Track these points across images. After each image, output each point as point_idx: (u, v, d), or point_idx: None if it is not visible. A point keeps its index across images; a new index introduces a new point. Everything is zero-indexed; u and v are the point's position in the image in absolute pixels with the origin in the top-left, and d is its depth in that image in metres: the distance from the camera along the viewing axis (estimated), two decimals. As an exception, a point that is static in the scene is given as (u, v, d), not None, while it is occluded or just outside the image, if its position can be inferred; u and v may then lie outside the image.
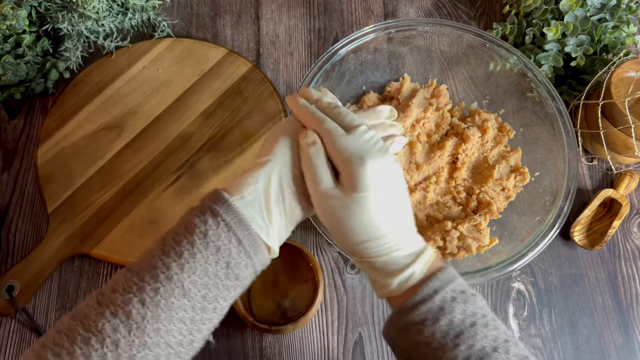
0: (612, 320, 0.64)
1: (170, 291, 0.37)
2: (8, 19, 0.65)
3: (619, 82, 0.65)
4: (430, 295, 0.40)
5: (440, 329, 0.39)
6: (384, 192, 0.41)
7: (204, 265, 0.38)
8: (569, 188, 0.60)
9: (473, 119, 0.69)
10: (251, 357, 0.61)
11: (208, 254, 0.38)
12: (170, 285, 0.37)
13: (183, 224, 0.39)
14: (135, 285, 0.37)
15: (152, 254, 0.38)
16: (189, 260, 0.37)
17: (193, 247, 0.38)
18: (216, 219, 0.38)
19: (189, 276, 0.37)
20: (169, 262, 0.37)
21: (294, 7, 0.79)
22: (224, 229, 0.38)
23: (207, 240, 0.38)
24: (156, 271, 0.37)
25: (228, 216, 0.39)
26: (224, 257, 0.38)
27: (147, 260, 0.38)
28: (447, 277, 0.41)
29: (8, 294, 0.60)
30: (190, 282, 0.37)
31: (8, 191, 0.67)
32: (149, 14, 0.75)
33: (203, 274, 0.38)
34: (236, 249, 0.39)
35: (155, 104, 0.70)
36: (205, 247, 0.38)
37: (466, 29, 0.66)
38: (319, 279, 0.58)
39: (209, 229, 0.38)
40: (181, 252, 0.37)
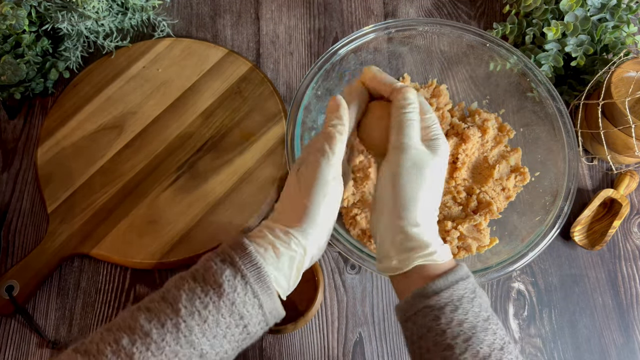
0: (612, 320, 0.64)
1: (189, 355, 0.37)
2: (8, 18, 0.65)
3: (619, 82, 0.65)
4: (463, 278, 0.40)
5: (473, 310, 0.39)
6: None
7: (224, 330, 0.38)
8: (569, 188, 0.60)
9: (473, 119, 0.69)
10: (251, 357, 0.61)
11: (231, 320, 0.38)
12: (190, 350, 0.37)
13: (210, 282, 0.38)
14: (154, 344, 0.36)
15: (174, 308, 0.37)
16: (212, 326, 0.37)
17: (218, 314, 0.37)
18: (245, 287, 0.38)
19: (209, 341, 0.37)
20: (192, 326, 0.37)
21: (294, 7, 0.79)
22: (250, 297, 0.38)
23: (233, 308, 0.38)
24: (178, 334, 0.36)
25: (257, 284, 0.38)
26: (244, 321, 0.38)
27: (168, 315, 0.37)
28: (467, 269, 0.42)
29: (8, 294, 0.60)
30: (209, 346, 0.37)
31: (8, 191, 0.67)
32: (148, 13, 0.75)
33: (221, 337, 0.38)
34: (257, 313, 0.39)
35: (155, 104, 0.70)
36: (230, 314, 0.38)
37: (466, 29, 0.66)
38: (319, 279, 0.58)
39: (237, 297, 0.38)
40: (206, 317, 0.37)
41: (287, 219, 0.41)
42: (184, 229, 0.64)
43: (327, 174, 0.41)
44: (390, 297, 0.64)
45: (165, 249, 0.63)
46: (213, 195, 0.66)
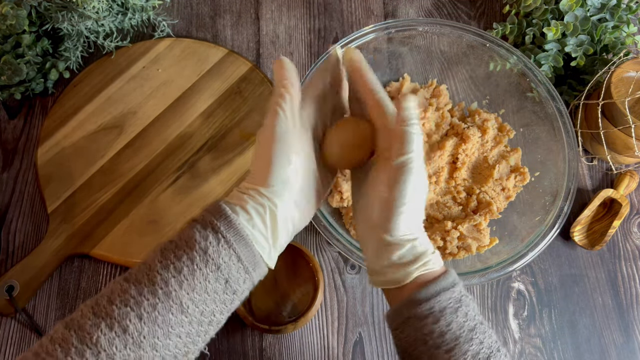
0: (612, 320, 0.64)
1: (169, 308, 0.36)
2: (8, 18, 0.65)
3: (619, 82, 0.65)
4: (448, 287, 0.40)
5: (456, 320, 0.39)
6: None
7: (203, 283, 0.37)
8: (569, 188, 0.60)
9: (473, 119, 0.69)
10: (251, 357, 0.61)
11: (208, 271, 0.37)
12: (169, 302, 0.36)
13: (184, 238, 0.38)
14: (132, 299, 0.36)
15: (150, 266, 0.38)
16: (188, 277, 0.37)
17: (193, 264, 0.37)
18: (217, 235, 0.38)
19: (187, 293, 0.37)
20: (167, 277, 0.37)
21: (294, 7, 0.79)
22: (224, 246, 0.38)
23: (207, 257, 0.37)
24: (155, 287, 0.36)
25: (229, 233, 0.38)
26: (224, 274, 0.38)
27: (145, 272, 0.37)
28: (456, 277, 0.42)
29: (8, 294, 0.60)
30: (188, 299, 0.37)
31: (8, 191, 0.67)
32: (148, 13, 0.75)
33: (202, 291, 0.37)
34: (236, 265, 0.38)
35: (155, 104, 0.70)
36: (205, 264, 0.37)
37: (466, 29, 0.66)
38: (319, 279, 0.58)
39: (209, 246, 0.37)
40: (180, 268, 0.37)
41: (256, 179, 0.41)
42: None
43: (282, 131, 0.41)
44: (390, 297, 0.64)
45: (165, 249, 0.63)
46: (213, 195, 0.66)
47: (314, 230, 0.67)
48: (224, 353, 0.61)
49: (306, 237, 0.67)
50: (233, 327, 0.62)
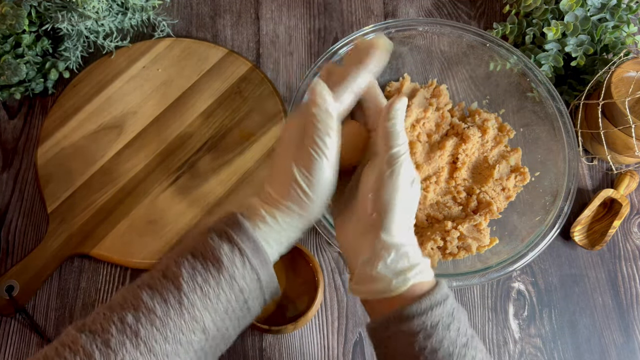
0: (612, 320, 0.64)
1: (192, 329, 0.37)
2: (8, 18, 0.65)
3: (619, 82, 0.65)
4: (440, 302, 0.39)
5: (449, 336, 0.38)
6: None
7: (225, 304, 0.38)
8: (569, 188, 0.60)
9: (473, 119, 0.69)
10: (251, 357, 0.61)
11: (232, 295, 0.38)
12: (193, 324, 0.37)
13: (209, 258, 0.38)
14: (159, 320, 0.36)
15: (176, 285, 0.37)
16: (213, 299, 0.37)
17: (219, 288, 0.37)
18: (243, 258, 0.38)
19: (211, 316, 0.37)
20: (194, 300, 0.37)
21: (294, 7, 0.79)
22: (249, 271, 0.38)
23: (233, 282, 0.38)
24: (182, 309, 0.37)
25: (255, 258, 0.38)
26: (244, 295, 0.38)
27: (171, 290, 0.37)
28: (447, 289, 0.41)
29: (8, 294, 0.60)
30: (211, 320, 0.37)
31: (8, 191, 0.67)
32: (148, 13, 0.75)
33: (223, 313, 0.38)
34: (255, 287, 0.39)
35: (155, 104, 0.70)
36: (231, 288, 0.38)
37: (466, 29, 0.66)
38: (319, 279, 0.58)
39: (236, 271, 0.38)
40: (207, 291, 0.37)
41: (277, 193, 0.41)
42: (183, 229, 0.64)
43: (325, 172, 0.40)
44: (390, 297, 0.64)
45: (165, 249, 0.63)
46: (213, 195, 0.66)
47: (314, 230, 0.67)
48: (223, 353, 0.61)
49: (306, 237, 0.67)
50: (233, 327, 0.62)
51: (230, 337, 0.40)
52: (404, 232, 0.41)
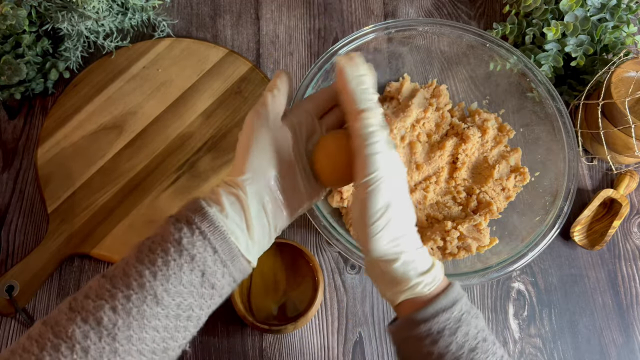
0: (612, 320, 0.64)
1: (143, 299, 0.36)
2: (8, 18, 0.65)
3: (619, 82, 0.65)
4: (446, 307, 0.39)
5: (456, 341, 0.39)
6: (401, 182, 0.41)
7: (177, 273, 0.37)
8: (569, 188, 0.60)
9: (473, 119, 0.69)
10: (251, 357, 0.61)
11: (182, 262, 0.37)
12: (143, 294, 0.36)
13: (159, 232, 0.39)
14: (107, 292, 0.36)
15: (127, 261, 0.38)
16: (162, 267, 0.37)
17: (167, 255, 0.37)
18: (191, 226, 0.38)
19: (162, 284, 0.36)
20: (142, 269, 0.37)
21: (294, 7, 0.79)
22: (198, 237, 0.38)
23: (181, 247, 0.37)
24: (129, 279, 0.36)
25: (203, 224, 0.38)
26: (199, 265, 0.38)
27: (121, 267, 0.38)
28: (458, 293, 0.41)
29: (8, 294, 0.60)
30: (163, 289, 0.36)
31: (8, 191, 0.67)
32: (149, 13, 0.75)
33: (177, 282, 0.37)
34: (212, 257, 0.38)
35: (155, 104, 0.70)
36: (179, 254, 0.37)
37: (466, 29, 0.66)
38: (319, 279, 0.58)
39: (183, 237, 0.37)
40: (154, 259, 0.37)
41: (233, 171, 0.42)
42: (184, 229, 0.64)
43: (258, 125, 0.42)
44: (390, 297, 0.64)
45: (165, 249, 0.63)
46: (213, 195, 0.66)
47: (314, 230, 0.67)
48: (224, 353, 0.61)
49: (306, 237, 0.67)
50: (233, 327, 0.62)
51: (199, 318, 0.39)
52: (393, 246, 0.40)
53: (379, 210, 0.39)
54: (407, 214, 0.41)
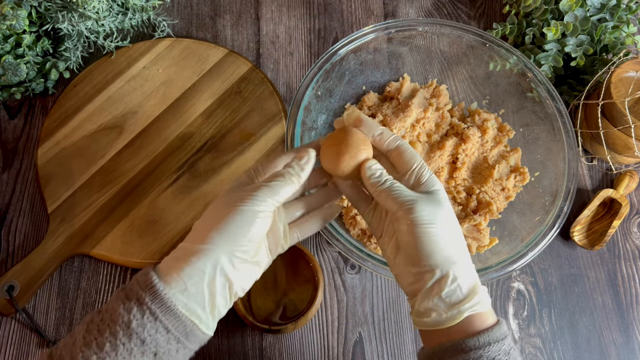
0: (612, 320, 0.64)
1: None
2: (8, 19, 0.65)
3: (618, 82, 0.65)
4: (499, 339, 0.39)
5: None
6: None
7: (127, 358, 0.35)
8: (569, 188, 0.60)
9: (473, 119, 0.69)
10: (251, 357, 0.61)
11: (132, 346, 0.35)
12: None
13: (109, 311, 0.37)
14: None
15: (74, 341, 0.36)
16: (110, 353, 0.35)
17: (115, 339, 0.35)
18: (141, 307, 0.36)
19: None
20: (89, 354, 0.35)
21: (294, 7, 0.79)
22: (149, 319, 0.36)
23: (130, 331, 0.35)
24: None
25: (155, 305, 0.36)
26: (150, 347, 0.36)
27: (69, 348, 0.36)
28: (507, 328, 0.41)
29: (8, 294, 0.60)
30: None
31: (8, 191, 0.67)
32: (149, 14, 0.75)
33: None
34: (164, 337, 0.36)
35: (155, 104, 0.70)
36: (129, 338, 0.35)
37: (466, 29, 0.66)
38: (319, 279, 0.59)
39: (132, 319, 0.35)
40: (102, 343, 0.35)
41: (197, 238, 0.39)
42: (184, 229, 0.64)
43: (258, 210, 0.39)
44: (390, 297, 0.64)
45: (165, 249, 0.63)
46: (213, 195, 0.66)
47: (314, 230, 0.67)
48: (224, 353, 0.61)
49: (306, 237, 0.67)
50: (233, 327, 0.62)
51: None
52: (452, 265, 0.40)
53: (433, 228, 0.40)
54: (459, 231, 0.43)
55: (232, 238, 0.38)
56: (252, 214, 0.39)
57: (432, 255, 0.40)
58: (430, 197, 0.42)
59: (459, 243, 0.42)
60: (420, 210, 0.40)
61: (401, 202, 0.41)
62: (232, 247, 0.38)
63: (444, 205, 0.42)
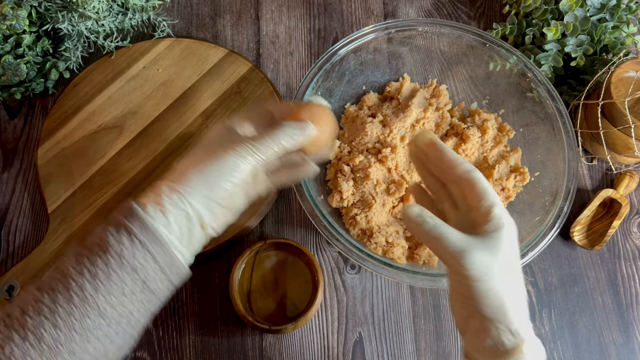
0: (611, 320, 0.64)
1: (85, 313, 0.36)
2: (8, 19, 0.65)
3: (618, 82, 0.65)
4: None
5: None
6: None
7: (119, 285, 0.37)
8: (569, 188, 0.60)
9: (473, 119, 0.69)
10: (251, 357, 0.61)
11: (124, 274, 0.37)
12: (85, 308, 0.36)
13: (97, 242, 0.38)
14: (46, 307, 0.35)
15: (64, 272, 0.37)
16: (104, 281, 0.36)
17: (108, 268, 0.37)
18: (130, 236, 0.37)
19: (104, 297, 0.36)
20: (82, 283, 0.36)
21: (294, 7, 0.79)
22: (139, 248, 0.37)
23: (122, 260, 0.37)
24: (69, 293, 0.36)
25: (143, 235, 0.38)
26: (140, 275, 0.37)
27: (58, 279, 0.37)
28: None
29: (8, 294, 0.60)
30: (106, 302, 0.36)
31: (8, 191, 0.67)
32: (149, 14, 0.75)
33: (119, 294, 0.37)
34: (152, 267, 0.38)
35: (155, 104, 0.70)
36: (121, 267, 0.37)
37: (466, 29, 0.66)
38: (319, 278, 0.59)
39: (124, 249, 0.37)
40: (95, 272, 0.36)
41: (179, 178, 0.40)
42: (184, 229, 0.64)
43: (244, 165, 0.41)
44: (390, 297, 0.64)
45: (165, 249, 0.63)
46: (213, 195, 0.66)
47: (314, 230, 0.67)
48: (224, 353, 0.61)
49: (306, 237, 0.67)
50: (233, 327, 0.62)
51: (139, 323, 0.39)
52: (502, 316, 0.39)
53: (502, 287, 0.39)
54: None
55: (212, 185, 0.40)
56: (234, 165, 0.40)
57: (481, 307, 0.38)
58: (489, 241, 0.39)
59: (514, 293, 0.39)
60: (471, 263, 0.38)
61: (450, 251, 0.38)
62: (211, 193, 0.40)
63: (503, 251, 0.39)
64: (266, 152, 0.41)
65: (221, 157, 0.40)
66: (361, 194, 0.64)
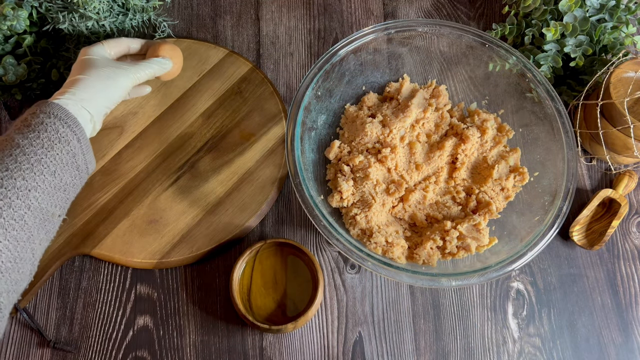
0: (611, 320, 0.65)
1: (29, 164, 0.48)
2: (9, 19, 0.65)
3: (618, 82, 0.65)
4: None
5: None
6: None
7: (57, 146, 0.51)
8: (568, 188, 0.60)
9: (472, 119, 0.69)
10: (251, 357, 0.61)
11: (60, 147, 0.51)
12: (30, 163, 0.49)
13: (29, 123, 0.51)
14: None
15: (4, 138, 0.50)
16: (46, 143, 0.50)
17: (46, 136, 0.50)
18: (49, 115, 0.51)
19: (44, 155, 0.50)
20: (25, 143, 0.49)
21: (294, 7, 0.80)
22: (63, 123, 0.52)
23: (58, 135, 0.51)
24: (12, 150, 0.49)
25: (58, 111, 0.52)
26: (68, 148, 0.51)
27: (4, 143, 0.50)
28: None
29: (9, 294, 0.60)
30: (44, 155, 0.50)
31: (9, 191, 0.67)
32: (149, 14, 0.75)
33: (54, 156, 0.50)
34: (77, 145, 0.52)
35: (155, 104, 0.70)
36: (58, 140, 0.51)
37: (465, 30, 0.66)
38: (319, 278, 0.59)
39: (58, 126, 0.51)
40: (34, 138, 0.50)
41: (79, 87, 0.56)
42: (184, 229, 0.64)
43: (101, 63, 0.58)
44: (390, 297, 0.64)
45: (165, 249, 0.63)
46: (213, 195, 0.66)
47: (314, 230, 0.67)
48: (224, 353, 0.61)
49: (306, 237, 0.67)
50: (233, 327, 0.62)
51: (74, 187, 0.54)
52: None
53: None
54: None
55: (102, 95, 0.57)
56: (121, 83, 0.58)
57: None
58: None
59: None
60: None
61: None
62: (106, 102, 0.57)
63: None
64: (142, 76, 0.60)
65: (114, 79, 0.58)
66: (361, 194, 0.64)
